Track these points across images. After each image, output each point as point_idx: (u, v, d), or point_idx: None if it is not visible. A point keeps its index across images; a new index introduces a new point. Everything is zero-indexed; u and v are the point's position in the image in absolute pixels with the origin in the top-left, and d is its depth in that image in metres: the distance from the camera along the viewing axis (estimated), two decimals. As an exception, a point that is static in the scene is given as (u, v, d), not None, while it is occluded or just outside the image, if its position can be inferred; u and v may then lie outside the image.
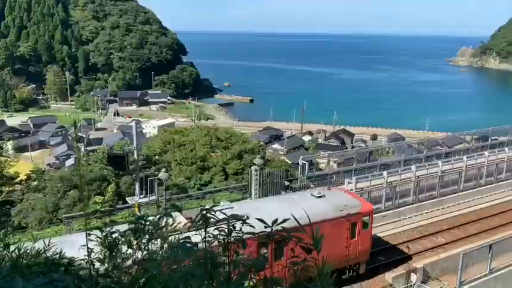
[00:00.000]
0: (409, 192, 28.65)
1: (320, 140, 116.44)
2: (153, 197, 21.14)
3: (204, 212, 2.79)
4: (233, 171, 36.77)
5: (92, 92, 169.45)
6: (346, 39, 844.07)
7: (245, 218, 7.50)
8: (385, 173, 29.09)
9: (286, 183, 26.33)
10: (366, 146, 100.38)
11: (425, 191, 29.21)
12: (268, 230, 2.69)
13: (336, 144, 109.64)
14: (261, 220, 2.69)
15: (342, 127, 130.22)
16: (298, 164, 31.73)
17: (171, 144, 42.03)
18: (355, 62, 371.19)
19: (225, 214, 7.91)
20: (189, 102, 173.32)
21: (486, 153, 34.47)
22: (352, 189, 25.98)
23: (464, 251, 18.40)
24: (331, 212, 18.15)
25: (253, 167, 24.86)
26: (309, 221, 2.80)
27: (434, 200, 29.16)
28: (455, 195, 30.25)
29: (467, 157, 33.61)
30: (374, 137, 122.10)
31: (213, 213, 2.79)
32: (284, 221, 2.66)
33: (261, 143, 66.35)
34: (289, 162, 57.69)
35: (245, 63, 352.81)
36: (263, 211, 16.23)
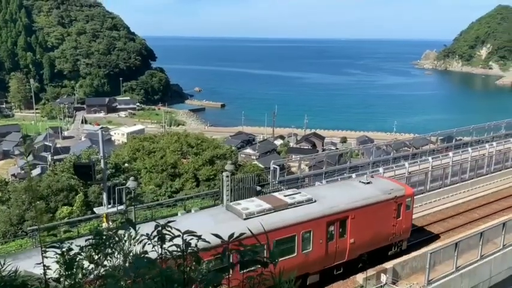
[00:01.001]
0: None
1: (292, 144, 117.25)
2: (122, 207, 20.72)
3: (160, 228, 2.74)
4: (205, 177, 36.50)
5: (58, 100, 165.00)
6: (315, 44, 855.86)
7: (314, 200, 15.60)
8: (353, 175, 29.53)
9: (258, 188, 26.30)
10: (336, 148, 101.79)
11: (394, 192, 29.78)
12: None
13: (307, 147, 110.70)
14: (217, 235, 2.66)
15: (312, 130, 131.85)
16: (270, 168, 31.82)
17: (141, 152, 41.35)
18: (324, 67, 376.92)
19: (298, 199, 13.75)
20: (159, 108, 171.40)
21: (450, 153, 35.50)
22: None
23: (432, 250, 18.85)
24: (381, 195, 20.14)
25: (224, 173, 24.72)
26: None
27: (403, 200, 29.78)
28: (422, 195, 31.00)
29: (432, 158, 34.54)
30: (344, 140, 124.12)
31: (168, 229, 2.73)
32: (239, 236, 2.64)
33: (233, 148, 66.26)
34: (262, 166, 57.86)
35: (216, 69, 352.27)
36: (330, 196, 18.99)
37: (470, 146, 40.21)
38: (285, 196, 18.33)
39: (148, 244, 2.90)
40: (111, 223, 20.94)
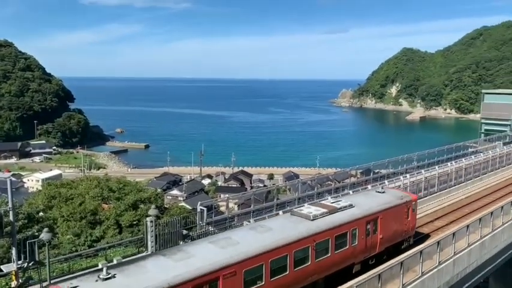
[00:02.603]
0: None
1: (220, 183, 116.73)
2: (33, 262, 18.88)
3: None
4: (128, 223, 34.70)
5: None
6: (240, 84, 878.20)
7: (353, 205, 21.91)
8: (280, 212, 29.80)
9: (184, 232, 25.43)
10: (264, 185, 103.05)
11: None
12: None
13: (235, 185, 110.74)
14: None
15: (240, 168, 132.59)
16: (197, 209, 31.06)
17: (57, 199, 38.62)
18: (250, 106, 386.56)
19: (343, 205, 21.44)
20: (77, 151, 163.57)
21: (369, 186, 37.23)
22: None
23: (357, 283, 19.25)
24: (397, 200, 24.46)
25: (148, 218, 23.70)
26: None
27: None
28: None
29: (353, 191, 35.95)
30: (271, 176, 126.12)
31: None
32: None
33: (158, 190, 64.31)
34: (189, 207, 56.52)
35: (139, 109, 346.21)
36: (363, 202, 23.18)
37: (386, 178, 42.56)
38: (332, 203, 22.41)
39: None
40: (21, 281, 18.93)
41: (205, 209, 30.42)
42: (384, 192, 25.61)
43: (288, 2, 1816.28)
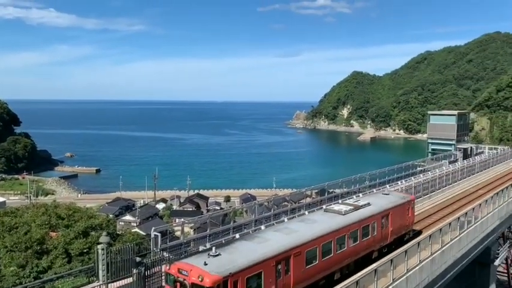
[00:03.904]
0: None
1: (175, 207, 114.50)
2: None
3: None
4: (78, 251, 33.04)
5: None
6: (193, 106, 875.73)
7: (370, 204, 26.77)
8: (237, 235, 29.51)
9: (138, 259, 24.53)
10: (221, 208, 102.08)
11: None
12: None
13: (191, 209, 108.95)
14: None
15: (196, 191, 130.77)
16: (151, 235, 30.09)
17: (0, 229, 36.26)
18: (205, 128, 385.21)
19: (363, 203, 26.73)
20: (23, 177, 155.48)
21: (324, 206, 37.74)
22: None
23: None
24: (401, 200, 29.03)
25: (99, 246, 22.68)
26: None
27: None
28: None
29: (309, 212, 36.25)
30: (228, 199, 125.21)
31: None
32: None
33: (110, 216, 62.14)
34: (143, 233, 54.85)
35: (89, 132, 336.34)
36: (376, 201, 27.29)
37: (341, 198, 43.34)
38: (354, 202, 26.78)
39: None
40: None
41: (159, 234, 29.54)
42: (388, 194, 30.50)
43: (240, 26, 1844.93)
